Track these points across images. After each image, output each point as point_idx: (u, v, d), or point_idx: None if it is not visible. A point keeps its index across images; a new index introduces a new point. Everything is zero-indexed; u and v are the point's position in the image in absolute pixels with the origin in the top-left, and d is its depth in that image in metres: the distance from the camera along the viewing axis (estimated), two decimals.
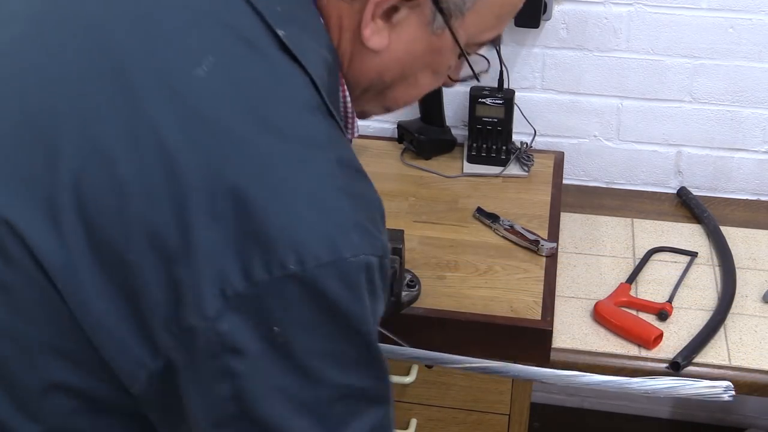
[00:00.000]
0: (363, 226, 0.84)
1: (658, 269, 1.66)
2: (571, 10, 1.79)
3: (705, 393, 1.18)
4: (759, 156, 1.87)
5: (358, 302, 0.81)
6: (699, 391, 1.19)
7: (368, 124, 1.98)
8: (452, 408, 1.57)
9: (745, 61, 1.79)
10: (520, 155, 1.84)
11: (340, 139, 0.87)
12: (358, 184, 0.88)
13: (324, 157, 0.83)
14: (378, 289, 0.85)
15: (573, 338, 1.50)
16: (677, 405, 2.23)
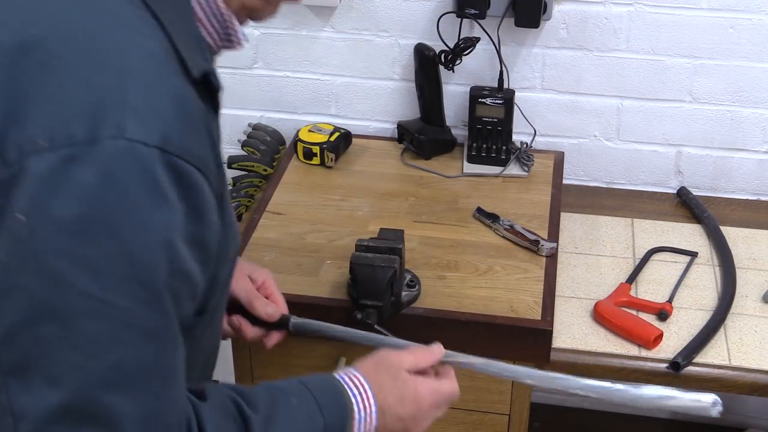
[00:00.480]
0: (144, 112, 0.78)
1: (658, 269, 1.66)
2: (571, 10, 1.79)
3: (691, 406, 1.12)
4: (759, 156, 1.87)
5: (119, 199, 0.76)
6: (684, 404, 1.13)
7: (368, 125, 1.98)
8: (452, 408, 1.55)
9: (745, 61, 1.79)
10: (520, 155, 1.84)
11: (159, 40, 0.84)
12: (166, 78, 0.82)
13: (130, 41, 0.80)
14: (164, 191, 0.79)
15: (573, 338, 1.50)
16: None
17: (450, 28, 1.81)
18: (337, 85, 1.96)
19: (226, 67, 1.97)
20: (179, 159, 0.80)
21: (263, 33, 1.92)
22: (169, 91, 0.82)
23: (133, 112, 0.78)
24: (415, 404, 1.13)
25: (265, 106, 2.00)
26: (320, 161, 1.84)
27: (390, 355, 1.16)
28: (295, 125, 1.96)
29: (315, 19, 1.89)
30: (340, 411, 1.06)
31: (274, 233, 1.66)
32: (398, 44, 1.89)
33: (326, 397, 1.06)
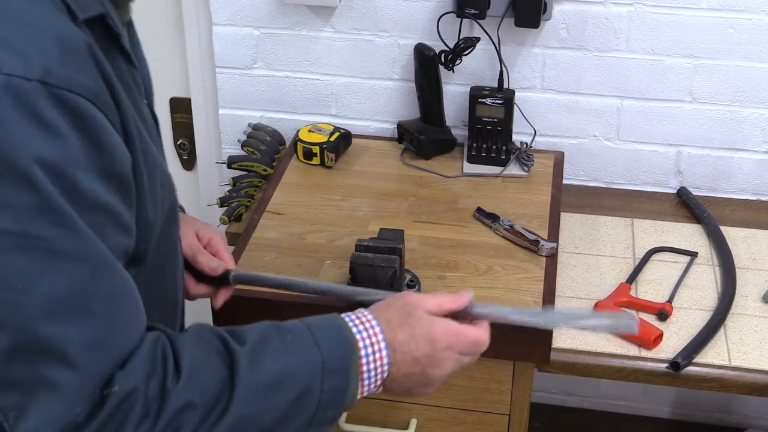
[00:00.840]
0: (22, 48, 0.81)
1: (658, 269, 1.66)
2: (571, 10, 1.79)
3: (610, 325, 1.15)
4: (759, 156, 1.87)
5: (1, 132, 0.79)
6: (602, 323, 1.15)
7: (368, 125, 1.98)
8: (452, 408, 1.57)
9: (745, 61, 1.79)
10: (520, 155, 1.84)
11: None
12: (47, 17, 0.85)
13: None
14: (50, 123, 0.81)
15: (573, 338, 1.50)
16: (677, 405, 2.23)
17: (450, 28, 1.81)
18: (337, 85, 1.96)
19: (227, 67, 1.97)
20: (66, 91, 0.82)
21: (263, 33, 1.92)
22: (49, 29, 0.84)
23: (9, 49, 0.81)
24: (429, 343, 1.06)
25: (265, 106, 2.00)
26: (320, 161, 1.85)
27: (409, 296, 1.11)
28: (295, 125, 1.96)
29: (315, 19, 1.89)
30: (341, 346, 1.02)
31: (274, 233, 1.66)
32: (398, 44, 1.89)
33: (325, 332, 1.02)
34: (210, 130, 2.09)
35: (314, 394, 0.99)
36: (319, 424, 1.01)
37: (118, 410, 0.87)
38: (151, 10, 2.03)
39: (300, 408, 0.98)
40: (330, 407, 1.01)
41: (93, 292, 0.86)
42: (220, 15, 1.92)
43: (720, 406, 2.20)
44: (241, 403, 0.94)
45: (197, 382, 0.93)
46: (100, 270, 0.87)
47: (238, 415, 0.93)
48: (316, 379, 0.99)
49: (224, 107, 2.02)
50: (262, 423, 0.96)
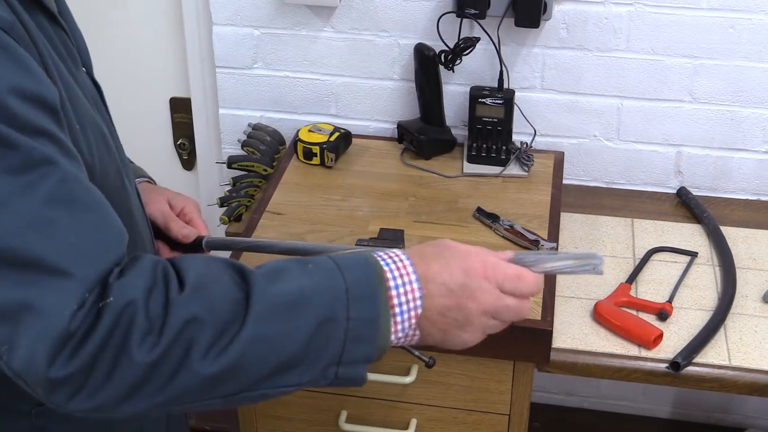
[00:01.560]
0: None
1: (658, 269, 1.66)
2: (571, 10, 1.79)
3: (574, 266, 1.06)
4: (759, 156, 1.87)
5: None
6: (566, 264, 1.07)
7: (368, 125, 1.98)
8: (452, 408, 1.57)
9: (745, 61, 1.79)
10: (520, 155, 1.84)
11: None
12: None
13: None
14: None
15: (573, 338, 1.50)
16: (677, 405, 2.23)
17: (450, 28, 1.81)
18: (337, 85, 1.96)
19: (227, 67, 1.97)
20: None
21: (263, 33, 1.92)
22: None
23: None
24: (464, 273, 0.99)
25: (265, 106, 2.00)
26: (320, 161, 1.85)
27: (444, 239, 1.04)
28: (295, 125, 1.96)
29: (315, 19, 1.89)
30: (367, 275, 0.94)
31: (274, 233, 1.66)
32: (398, 44, 1.89)
33: (349, 261, 0.96)
34: (210, 130, 2.09)
35: (339, 322, 0.92)
36: (352, 362, 0.94)
37: (117, 323, 0.84)
38: (151, 10, 2.04)
39: (325, 337, 0.91)
40: (360, 342, 0.93)
41: (60, 200, 0.85)
42: (220, 15, 1.92)
43: (720, 406, 2.20)
44: (256, 321, 0.88)
45: (206, 295, 0.88)
46: (70, 180, 0.86)
47: (254, 335, 0.88)
48: (340, 305, 0.92)
49: (224, 107, 2.02)
50: (281, 348, 0.89)
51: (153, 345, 0.84)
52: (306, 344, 0.90)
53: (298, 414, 1.63)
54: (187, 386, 0.87)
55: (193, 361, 0.86)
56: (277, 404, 1.63)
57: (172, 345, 0.85)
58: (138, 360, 0.84)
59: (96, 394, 0.84)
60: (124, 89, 2.12)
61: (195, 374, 0.86)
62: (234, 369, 0.87)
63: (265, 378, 0.90)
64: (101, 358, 0.83)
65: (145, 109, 2.15)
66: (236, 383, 0.89)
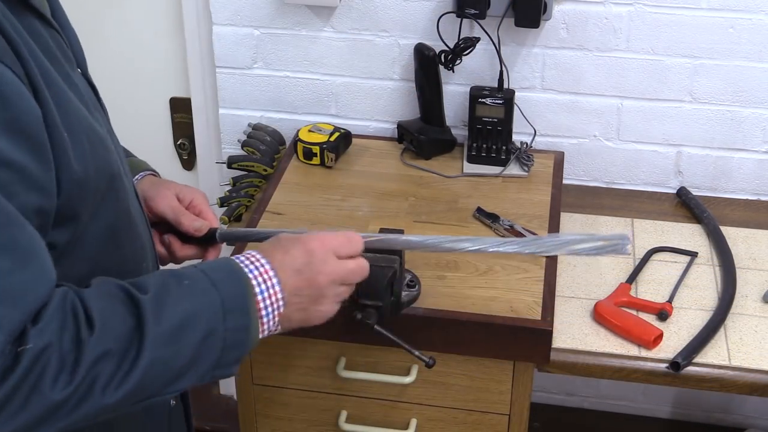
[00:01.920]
0: None
1: (658, 269, 1.66)
2: (571, 10, 1.79)
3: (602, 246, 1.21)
4: (759, 156, 1.87)
5: None
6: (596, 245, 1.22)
7: (368, 125, 1.98)
8: (452, 408, 1.57)
9: (745, 61, 1.79)
10: (520, 155, 1.84)
11: None
12: None
13: None
14: None
15: (573, 338, 1.50)
16: (677, 405, 2.23)
17: (450, 28, 1.81)
18: (337, 85, 1.96)
19: (227, 67, 1.97)
20: None
21: (263, 33, 1.92)
22: None
23: None
24: (305, 253, 1.11)
25: (265, 106, 2.00)
26: (320, 161, 1.84)
27: (292, 235, 1.16)
28: (295, 125, 1.96)
29: (315, 19, 1.89)
30: (237, 285, 1.05)
31: None
32: (398, 44, 1.89)
33: (219, 274, 1.05)
34: (210, 130, 2.09)
35: (219, 333, 1.01)
36: (226, 365, 1.04)
37: (33, 367, 0.88)
38: (151, 10, 2.04)
39: (207, 349, 1.01)
40: (234, 347, 1.03)
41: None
42: (220, 15, 1.92)
43: (720, 406, 2.20)
44: (152, 347, 0.95)
45: (109, 330, 0.94)
46: (4, 225, 0.87)
47: (151, 360, 0.95)
48: (218, 319, 1.01)
49: (224, 107, 2.02)
50: (173, 366, 0.98)
51: (66, 383, 0.90)
52: (193, 358, 1.00)
53: (298, 414, 1.63)
54: (88, 414, 0.93)
55: (96, 393, 0.92)
56: (277, 404, 1.63)
57: (84, 380, 0.91)
58: (50, 398, 0.89)
59: (6, 423, 0.88)
60: (124, 89, 2.12)
61: (101, 404, 0.93)
62: (136, 392, 0.95)
63: (158, 392, 0.99)
64: (15, 397, 0.87)
65: (145, 109, 2.15)
66: (138, 400, 0.97)
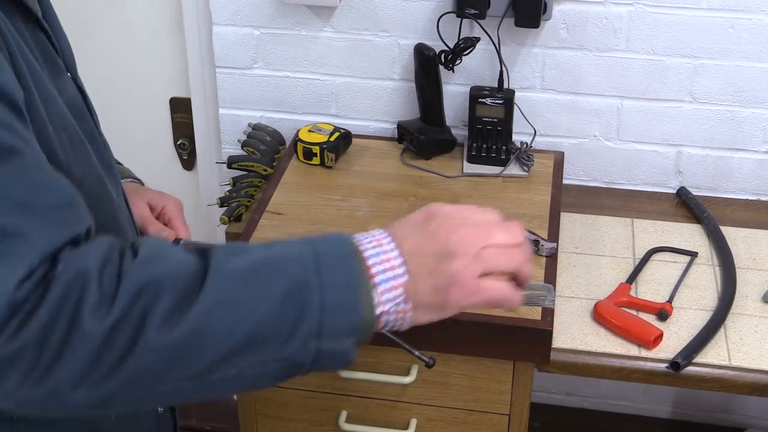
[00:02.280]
0: None
1: (658, 269, 1.66)
2: (571, 10, 1.79)
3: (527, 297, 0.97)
4: (759, 156, 1.87)
5: None
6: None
7: (368, 125, 1.98)
8: (452, 408, 1.57)
9: (745, 61, 1.79)
10: (520, 155, 1.84)
11: None
12: None
13: None
14: None
15: (573, 338, 1.50)
16: (677, 405, 2.23)
17: (450, 28, 1.81)
18: (337, 85, 1.96)
19: (227, 67, 1.97)
20: None
21: (263, 33, 1.92)
22: None
23: None
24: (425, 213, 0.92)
25: (265, 106, 2.00)
26: (320, 161, 1.84)
27: None
28: (295, 125, 1.96)
29: (315, 19, 1.89)
30: (335, 242, 0.90)
31: (274, 233, 1.66)
32: (398, 44, 1.89)
33: (316, 237, 0.91)
34: (210, 130, 2.09)
35: (311, 286, 0.84)
36: (334, 334, 0.84)
37: (67, 294, 0.78)
38: (151, 10, 2.04)
39: (297, 303, 0.83)
40: (340, 310, 0.84)
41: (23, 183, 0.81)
42: (220, 15, 1.92)
43: (720, 406, 2.20)
44: (216, 286, 0.82)
45: (161, 263, 0.82)
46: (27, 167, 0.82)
47: (215, 299, 0.81)
48: (308, 270, 0.85)
49: (224, 107, 2.02)
50: (248, 315, 0.82)
51: (105, 314, 0.78)
52: (277, 311, 0.82)
53: (298, 414, 1.63)
54: (146, 360, 0.79)
55: (149, 328, 0.79)
56: (277, 404, 1.63)
57: (126, 313, 0.79)
58: (90, 330, 0.77)
59: (47, 375, 0.77)
60: (125, 89, 2.12)
61: (153, 344, 0.79)
62: (196, 337, 0.80)
63: (237, 352, 0.82)
64: (51, 333, 0.77)
65: (145, 109, 2.15)
66: (202, 356, 0.81)
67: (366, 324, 0.86)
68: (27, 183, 0.82)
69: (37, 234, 0.79)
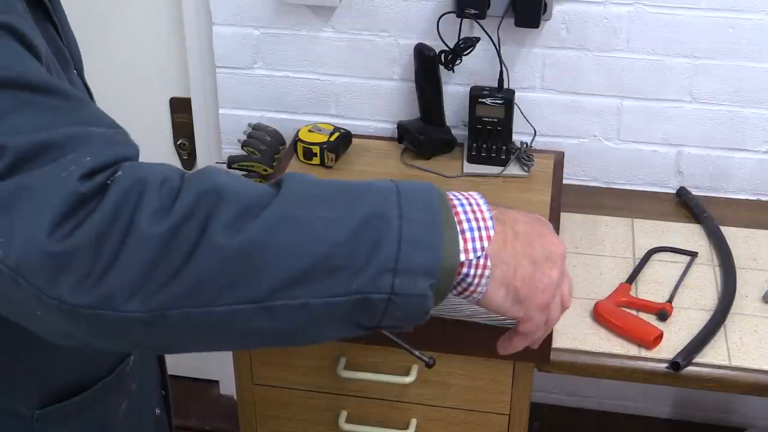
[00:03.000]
0: None
1: (658, 269, 1.66)
2: (571, 10, 1.79)
3: None
4: (759, 156, 1.87)
5: None
6: None
7: (368, 125, 1.98)
8: (452, 408, 1.57)
9: (745, 61, 1.79)
10: (520, 155, 1.84)
11: None
12: None
13: None
14: None
15: (573, 338, 1.50)
16: (677, 405, 2.23)
17: (450, 28, 1.81)
18: (337, 85, 1.96)
19: (227, 67, 1.97)
20: None
21: (263, 33, 1.92)
22: None
23: None
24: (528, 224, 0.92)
25: (265, 106, 2.00)
26: (320, 161, 1.85)
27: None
28: (295, 125, 1.96)
29: (315, 19, 1.89)
30: (423, 186, 0.81)
31: None
32: (398, 44, 1.89)
33: (400, 180, 0.82)
34: (210, 130, 2.09)
35: (390, 219, 0.76)
36: (410, 271, 0.76)
37: (126, 197, 0.73)
38: (151, 10, 2.04)
39: (374, 232, 0.76)
40: (419, 247, 0.77)
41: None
42: (220, 15, 1.92)
43: (720, 406, 2.20)
44: (287, 200, 0.76)
45: (227, 176, 0.77)
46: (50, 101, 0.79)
47: (284, 212, 0.75)
48: (390, 204, 0.77)
49: (224, 107, 2.02)
50: (320, 235, 0.75)
51: (164, 217, 0.73)
52: (350, 238, 0.75)
53: (298, 414, 1.63)
54: (206, 268, 0.73)
55: (211, 232, 0.73)
56: (277, 404, 1.63)
57: (187, 217, 0.74)
58: (148, 232, 0.73)
59: (104, 278, 0.73)
60: (124, 89, 2.12)
61: (213, 251, 0.73)
62: (261, 250, 0.73)
63: (304, 275, 0.74)
64: (108, 233, 0.72)
65: (145, 109, 2.15)
66: (267, 274, 0.74)
67: (446, 268, 0.79)
68: (87, 112, 0.80)
69: (99, 141, 0.77)
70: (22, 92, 0.77)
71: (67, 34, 1.08)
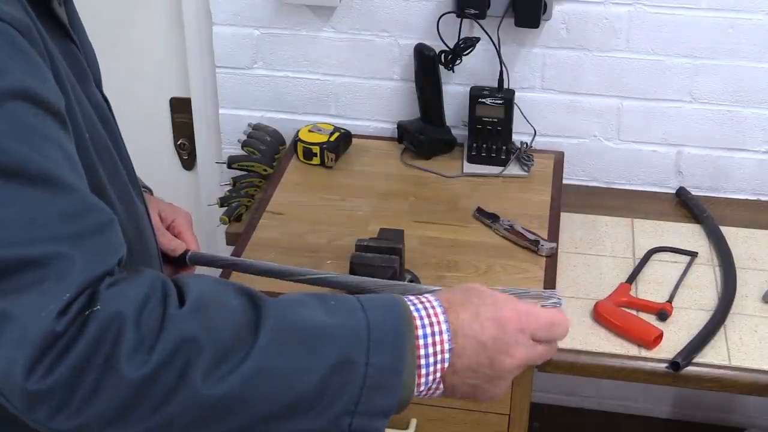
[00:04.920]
0: None
1: (658, 269, 1.66)
2: (571, 10, 1.79)
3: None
4: (759, 156, 1.87)
5: None
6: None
7: (368, 125, 1.98)
8: (452, 408, 1.57)
9: (745, 61, 1.79)
10: (520, 155, 1.84)
11: None
12: None
13: None
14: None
15: (573, 338, 1.50)
16: (677, 405, 2.23)
17: (450, 28, 1.81)
18: (337, 85, 1.96)
19: (227, 67, 1.97)
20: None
21: (263, 33, 1.92)
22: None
23: None
24: (497, 324, 0.90)
25: (265, 106, 2.00)
26: (320, 161, 1.85)
27: (470, 284, 0.95)
28: (295, 125, 1.96)
29: (315, 19, 1.89)
30: (394, 318, 0.86)
31: (274, 233, 1.66)
32: (398, 44, 1.89)
33: (375, 302, 0.87)
34: (210, 130, 2.09)
35: (357, 366, 0.82)
36: (368, 414, 0.84)
37: (104, 334, 0.75)
38: (151, 10, 2.04)
39: (340, 381, 0.82)
40: (379, 392, 0.83)
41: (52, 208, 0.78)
42: (220, 15, 1.92)
43: (720, 406, 2.20)
44: (265, 352, 0.79)
45: (208, 316, 0.80)
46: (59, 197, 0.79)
47: (261, 366, 0.79)
48: (359, 347, 0.83)
49: (224, 107, 2.02)
50: (291, 386, 0.81)
51: (144, 361, 0.76)
52: (319, 386, 0.81)
53: None
54: (185, 409, 0.78)
55: (188, 384, 0.77)
56: None
57: (166, 363, 0.77)
58: (126, 375, 0.76)
59: (80, 413, 0.76)
60: (124, 89, 2.12)
61: (194, 393, 0.77)
62: (236, 399, 0.79)
63: (271, 418, 0.81)
64: (85, 372, 0.75)
65: (145, 109, 2.15)
66: (238, 418, 0.80)
67: (402, 402, 0.86)
68: (64, 206, 0.79)
69: (79, 262, 0.78)
70: (8, 182, 0.77)
71: (86, 47, 1.07)
